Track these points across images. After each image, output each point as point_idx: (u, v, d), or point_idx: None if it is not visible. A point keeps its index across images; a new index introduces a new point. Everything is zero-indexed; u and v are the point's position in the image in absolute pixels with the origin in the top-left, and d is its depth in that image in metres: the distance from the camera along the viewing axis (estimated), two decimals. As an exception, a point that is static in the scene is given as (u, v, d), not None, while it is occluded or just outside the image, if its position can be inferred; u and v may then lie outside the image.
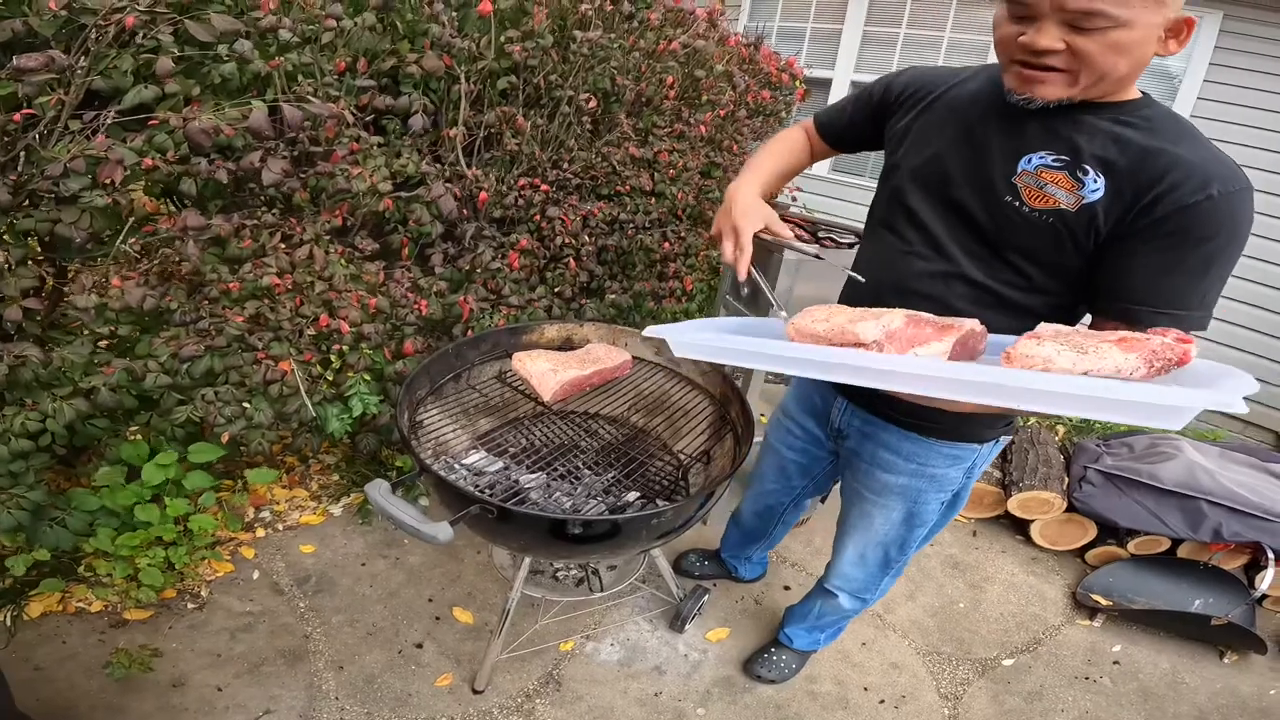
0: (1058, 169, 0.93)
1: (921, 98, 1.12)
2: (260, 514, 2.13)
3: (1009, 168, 0.97)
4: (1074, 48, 0.84)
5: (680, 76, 2.25)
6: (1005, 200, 0.98)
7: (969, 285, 1.06)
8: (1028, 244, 0.98)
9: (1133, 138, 0.89)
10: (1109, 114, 0.92)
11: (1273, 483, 2.23)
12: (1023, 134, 0.97)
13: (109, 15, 1.32)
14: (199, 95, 1.46)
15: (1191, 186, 0.84)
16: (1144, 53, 0.84)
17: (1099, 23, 0.80)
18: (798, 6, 4.34)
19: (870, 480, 1.33)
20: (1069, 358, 0.74)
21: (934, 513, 1.34)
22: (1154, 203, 0.87)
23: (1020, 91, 0.92)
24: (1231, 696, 1.95)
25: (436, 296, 1.93)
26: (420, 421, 1.44)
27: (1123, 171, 0.89)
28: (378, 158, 1.70)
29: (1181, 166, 0.85)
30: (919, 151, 1.10)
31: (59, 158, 1.33)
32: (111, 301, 1.47)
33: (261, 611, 1.83)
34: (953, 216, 1.06)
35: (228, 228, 1.51)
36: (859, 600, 1.59)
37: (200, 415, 1.62)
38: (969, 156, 1.02)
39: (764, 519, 1.82)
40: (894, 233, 1.14)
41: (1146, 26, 0.81)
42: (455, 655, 1.77)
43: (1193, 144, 0.88)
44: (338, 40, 1.64)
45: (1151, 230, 0.88)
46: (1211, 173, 0.85)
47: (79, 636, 1.68)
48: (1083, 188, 0.91)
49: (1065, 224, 0.93)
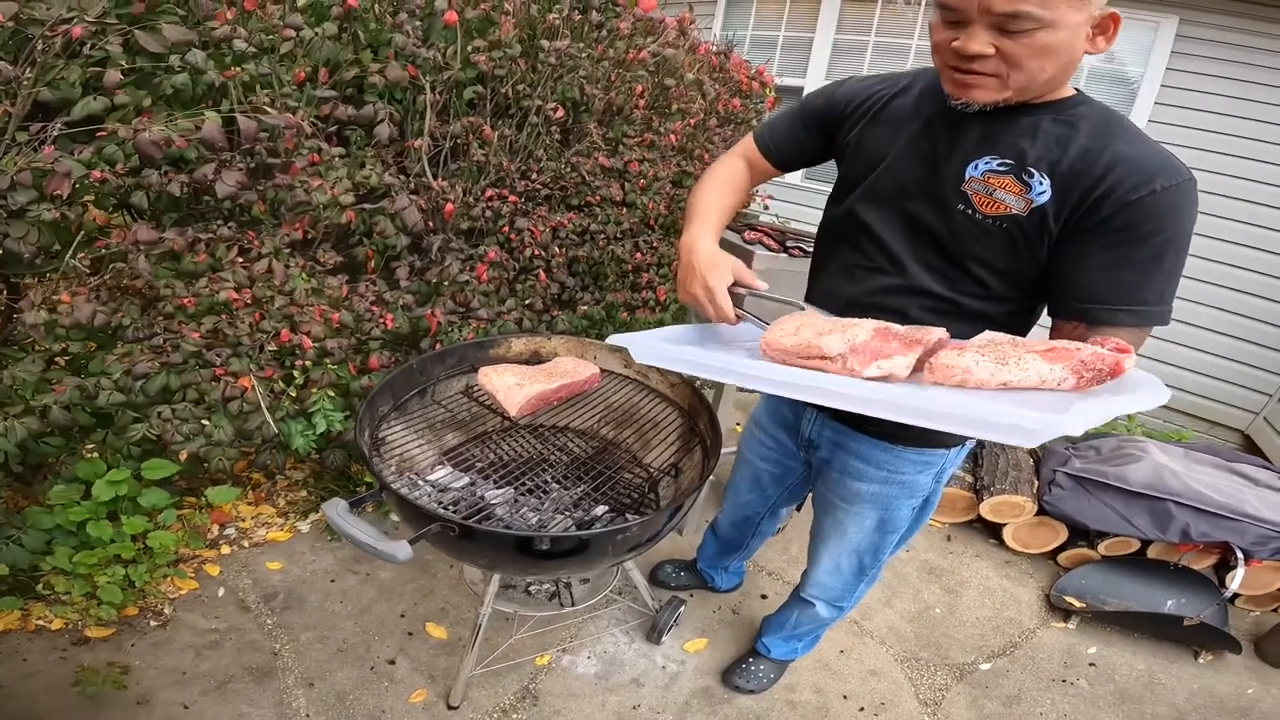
0: (1004, 173, 0.93)
1: (865, 110, 1.12)
2: (225, 531, 2.08)
3: (957, 176, 0.97)
4: (1003, 51, 0.85)
5: (650, 85, 2.25)
6: (958, 209, 0.98)
7: (929, 298, 1.06)
8: (984, 252, 0.99)
9: (1072, 136, 0.90)
10: (1047, 114, 0.93)
11: (1238, 483, 2.27)
12: (966, 141, 0.97)
13: (55, 26, 1.28)
14: (151, 106, 1.42)
15: (1134, 183, 0.85)
16: (1072, 53, 0.85)
17: (1025, 24, 0.81)
18: (770, 15, 4.37)
19: (842, 489, 1.33)
20: (988, 369, 0.76)
21: (905, 519, 1.34)
22: (1099, 201, 0.87)
23: (956, 96, 0.94)
24: (1209, 696, 1.96)
25: (403, 310, 1.90)
26: (383, 438, 1.40)
27: (1066, 172, 0.90)
28: (340, 169, 1.67)
29: (1122, 163, 0.86)
30: (869, 167, 1.09)
31: (6, 170, 1.29)
32: (61, 318, 1.43)
33: (228, 629, 1.78)
34: (909, 230, 1.05)
35: (181, 242, 1.48)
36: (836, 609, 1.59)
37: (156, 433, 1.58)
38: (918, 168, 1.02)
39: (741, 529, 1.81)
40: (853, 248, 1.14)
41: (1072, 26, 0.82)
42: (429, 671, 1.73)
43: (1131, 140, 0.89)
44: (297, 50, 1.61)
45: (1099, 229, 0.89)
46: (1153, 168, 0.86)
47: (40, 654, 1.63)
48: (1030, 190, 0.91)
49: (1019, 228, 0.94)
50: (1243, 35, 3.13)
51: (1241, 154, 3.22)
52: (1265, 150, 3.17)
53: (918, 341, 0.83)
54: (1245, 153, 3.21)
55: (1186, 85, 3.29)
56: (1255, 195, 3.23)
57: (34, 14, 1.28)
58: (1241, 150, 3.21)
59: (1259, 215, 3.25)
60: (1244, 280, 3.34)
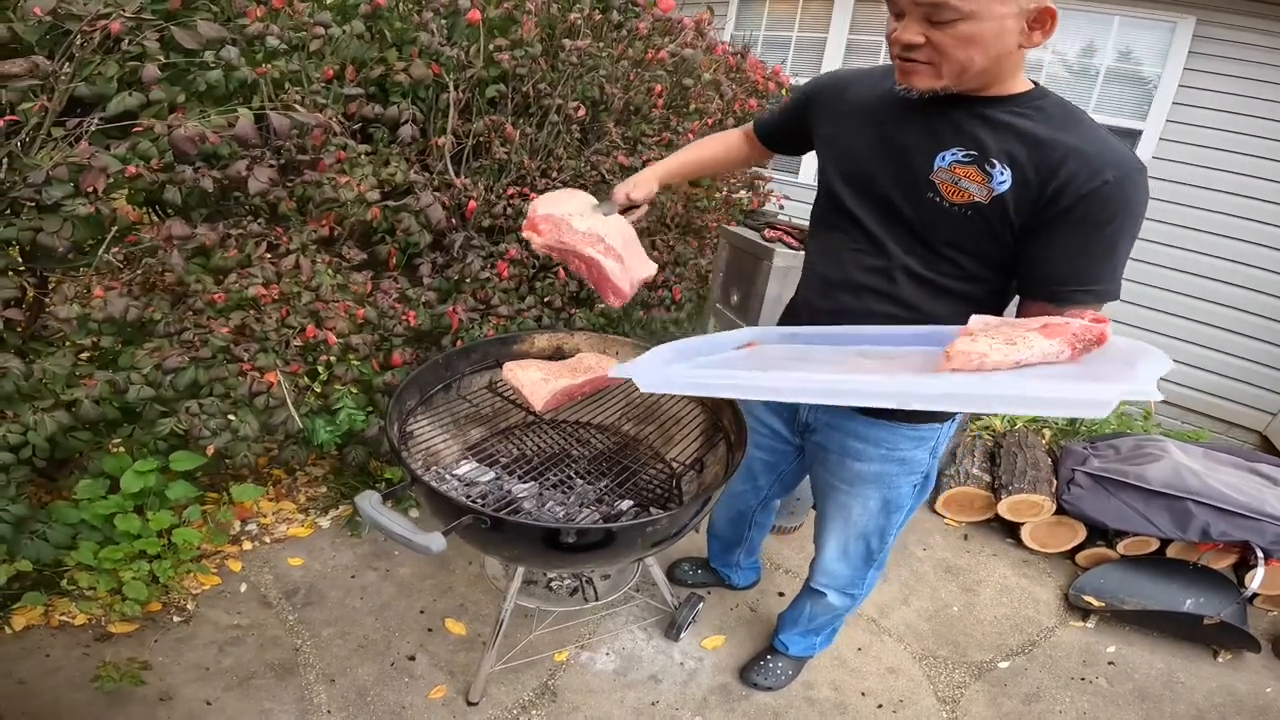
0: (968, 164, 1.00)
1: (838, 103, 1.19)
2: (247, 527, 2.09)
3: (926, 166, 1.04)
4: (932, 41, 0.92)
5: (668, 85, 2.26)
6: (928, 197, 1.05)
7: (911, 277, 1.13)
8: (953, 236, 1.06)
9: (1029, 129, 0.97)
10: (1006, 107, 0.99)
11: (1258, 482, 2.26)
12: (933, 132, 1.04)
13: (94, 22, 1.31)
14: (184, 102, 1.44)
15: (1087, 174, 0.92)
16: (1001, 44, 0.91)
17: (947, 15, 0.88)
18: (783, 15, 4.38)
19: (842, 470, 1.37)
20: (1001, 351, 0.82)
21: (908, 496, 1.38)
22: (1058, 193, 0.94)
23: (900, 83, 1.01)
24: (1228, 695, 1.95)
25: (425, 307, 1.91)
26: (410, 432, 1.42)
27: (1025, 163, 0.96)
28: (365, 166, 1.68)
29: (1076, 156, 0.93)
30: (845, 156, 1.17)
31: (42, 165, 1.31)
32: (94, 312, 1.45)
33: (250, 624, 1.79)
34: (885, 214, 1.13)
35: (213, 237, 1.49)
36: (847, 597, 1.60)
37: (184, 428, 1.59)
38: (890, 158, 1.09)
39: (736, 524, 1.84)
40: (838, 231, 1.21)
41: (996, 18, 0.88)
42: (449, 667, 1.74)
43: (1085, 132, 0.95)
44: (325, 48, 1.63)
45: (1061, 219, 0.96)
46: (1105, 160, 0.92)
47: (63, 650, 1.65)
48: (991, 180, 0.98)
49: (981, 215, 1.01)
50: (1260, 35, 3.12)
51: (1260, 154, 3.20)
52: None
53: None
54: (1263, 153, 3.19)
55: (1204, 85, 3.28)
56: (1273, 195, 3.22)
57: (71, 9, 1.30)
58: (1260, 150, 3.20)
59: (1277, 215, 3.23)
60: (1262, 280, 3.32)
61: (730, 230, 2.17)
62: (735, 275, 2.15)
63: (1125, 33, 3.45)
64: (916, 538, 2.49)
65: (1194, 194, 3.39)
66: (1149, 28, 3.38)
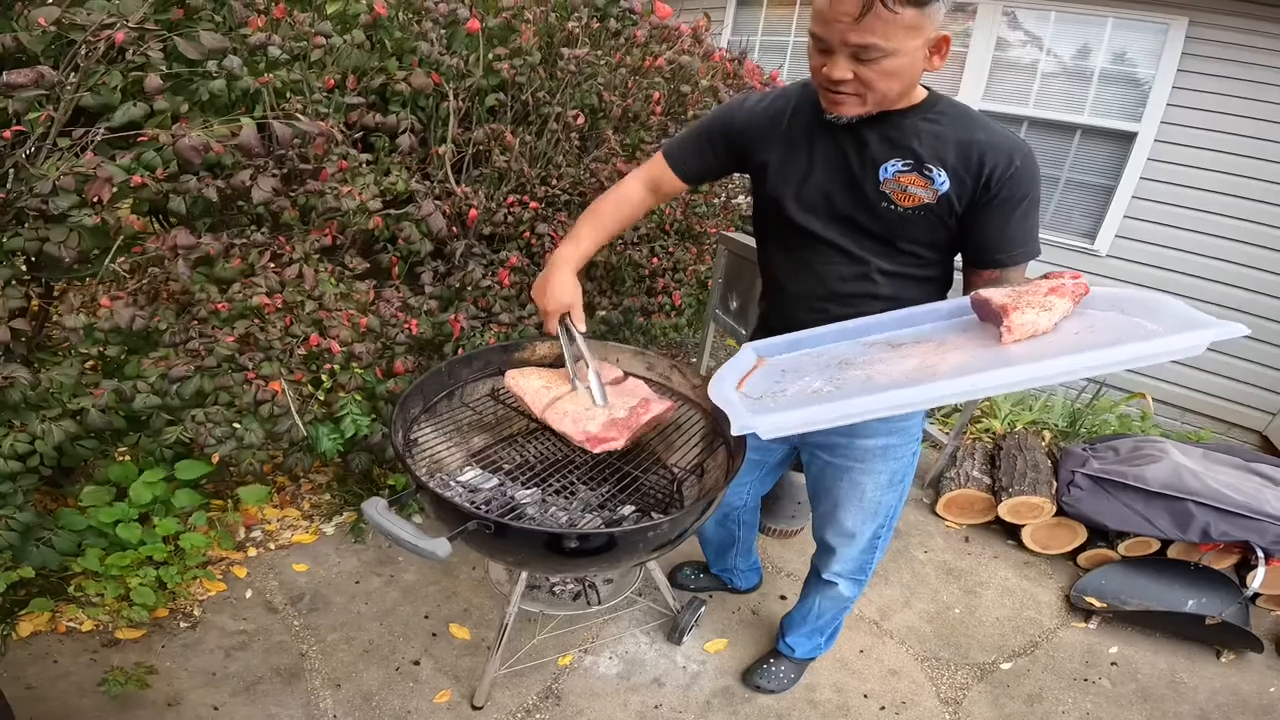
0: (909, 171, 1.14)
1: (770, 131, 1.26)
2: (251, 533, 2.11)
3: (873, 178, 1.16)
4: (859, 76, 1.03)
5: (666, 92, 2.28)
6: (883, 206, 1.17)
7: (883, 274, 1.25)
8: (910, 233, 1.20)
9: (943, 133, 1.12)
10: (918, 116, 1.14)
11: (1258, 482, 2.26)
12: (870, 148, 1.16)
13: (98, 32, 1.32)
14: (187, 112, 1.46)
15: (1003, 164, 1.09)
16: (913, 72, 1.05)
17: (873, 54, 0.99)
18: (779, 20, 4.41)
19: (851, 450, 1.41)
20: (1045, 318, 0.98)
21: (908, 466, 1.45)
22: (987, 184, 1.11)
23: (830, 112, 1.13)
24: (1232, 695, 1.96)
25: (427, 315, 1.92)
26: (415, 439, 1.43)
27: (954, 163, 1.11)
28: (367, 175, 1.70)
29: (990, 149, 1.09)
30: (795, 180, 1.25)
31: (48, 175, 1.32)
32: (100, 322, 1.47)
33: (256, 630, 1.81)
34: (850, 228, 1.23)
35: (217, 247, 1.51)
36: (855, 584, 1.62)
37: (190, 436, 1.60)
38: (839, 177, 1.20)
39: (725, 526, 1.87)
40: (802, 249, 1.29)
41: (910, 51, 1.01)
42: (453, 672, 1.75)
43: (985, 128, 1.11)
44: (327, 57, 1.65)
45: (992, 202, 1.13)
46: (1010, 147, 1.09)
47: (70, 656, 1.66)
48: (934, 182, 1.13)
49: (933, 213, 1.15)
50: (1252, 36, 3.14)
51: (1255, 154, 3.21)
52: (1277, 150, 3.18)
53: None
54: (1259, 153, 3.21)
55: (1198, 87, 3.29)
56: (1270, 195, 3.23)
57: (76, 20, 1.32)
58: (1255, 151, 3.21)
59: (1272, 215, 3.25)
60: (1260, 281, 3.33)
61: (728, 236, 2.18)
62: (734, 281, 2.16)
63: (1119, 35, 3.47)
64: (918, 540, 2.49)
65: (1189, 195, 3.41)
66: (1142, 29, 3.39)
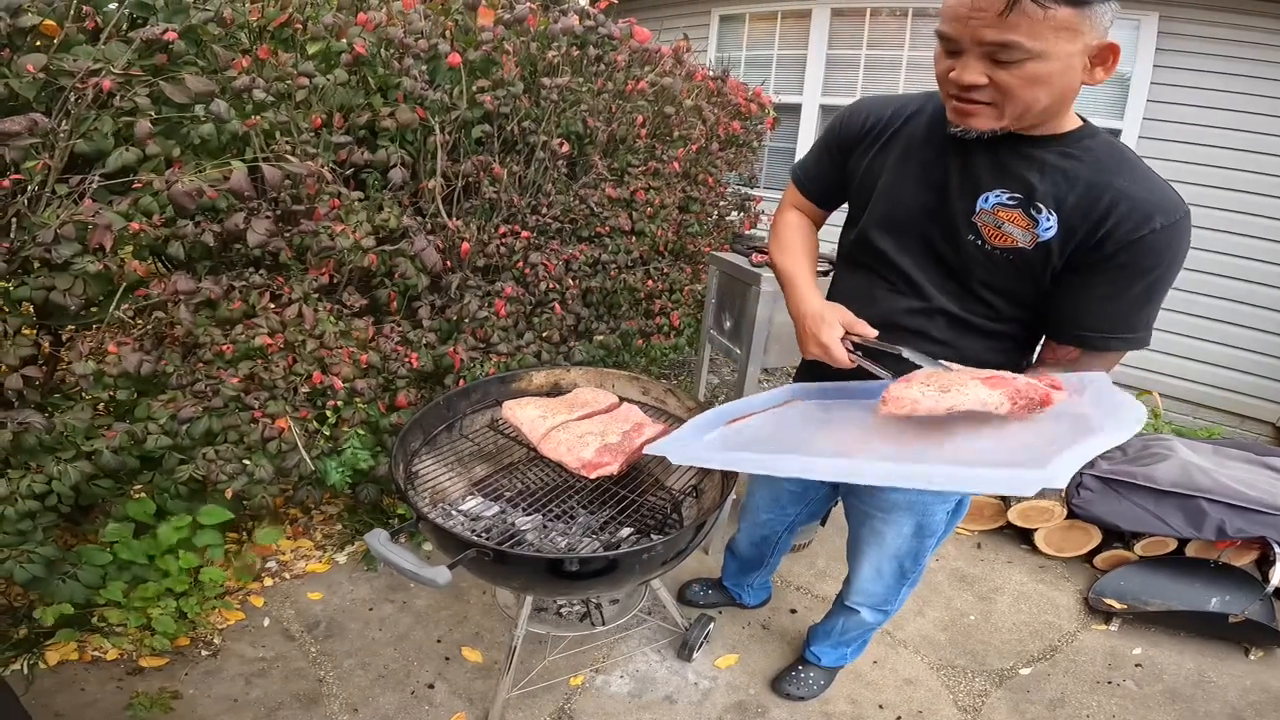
0: (1013, 207, 0.97)
1: (877, 134, 1.14)
2: (267, 564, 2.15)
3: (968, 207, 1.01)
4: (995, 81, 0.87)
5: (650, 114, 2.31)
6: (968, 239, 1.02)
7: (946, 318, 1.11)
8: (990, 278, 1.04)
9: (1078, 171, 0.93)
10: (1054, 147, 0.95)
11: (1271, 477, 2.21)
12: (977, 172, 1.00)
13: (85, 78, 1.33)
14: (180, 156, 1.47)
15: (1136, 221, 0.89)
16: (1066, 83, 0.87)
17: (1015, 55, 0.83)
18: (762, 35, 4.42)
19: (876, 499, 1.35)
20: (933, 397, 0.86)
21: (941, 522, 1.36)
22: (1104, 239, 0.91)
23: (956, 123, 0.97)
24: (1263, 693, 1.91)
25: (426, 349, 1.95)
26: (416, 471, 1.46)
27: (1072, 208, 0.93)
28: (359, 213, 1.74)
29: (1125, 201, 0.90)
30: (882, 194, 1.12)
31: (49, 224, 1.34)
32: (109, 368, 1.51)
33: (275, 657, 1.84)
34: (922, 255, 1.10)
35: (218, 290, 1.55)
36: (881, 613, 1.60)
37: (202, 473, 1.65)
38: (930, 197, 1.06)
39: (760, 548, 1.85)
40: (872, 272, 1.18)
41: (1064, 57, 0.84)
42: (467, 694, 1.77)
43: (1134, 175, 0.92)
44: (312, 96, 1.67)
45: (1102, 264, 0.93)
46: (1154, 206, 0.89)
47: (97, 684, 1.70)
48: (1037, 225, 0.95)
49: (1025, 260, 0.98)
50: (1225, 29, 3.10)
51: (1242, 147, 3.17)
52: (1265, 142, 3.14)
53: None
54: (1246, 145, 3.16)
55: (1176, 81, 3.25)
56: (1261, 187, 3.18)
57: (63, 65, 1.33)
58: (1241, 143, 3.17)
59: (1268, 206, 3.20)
60: (1267, 273, 3.28)
61: (718, 257, 2.19)
62: (726, 301, 2.17)
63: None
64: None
65: (1189, 191, 3.31)
66: (1115, 26, 3.38)
